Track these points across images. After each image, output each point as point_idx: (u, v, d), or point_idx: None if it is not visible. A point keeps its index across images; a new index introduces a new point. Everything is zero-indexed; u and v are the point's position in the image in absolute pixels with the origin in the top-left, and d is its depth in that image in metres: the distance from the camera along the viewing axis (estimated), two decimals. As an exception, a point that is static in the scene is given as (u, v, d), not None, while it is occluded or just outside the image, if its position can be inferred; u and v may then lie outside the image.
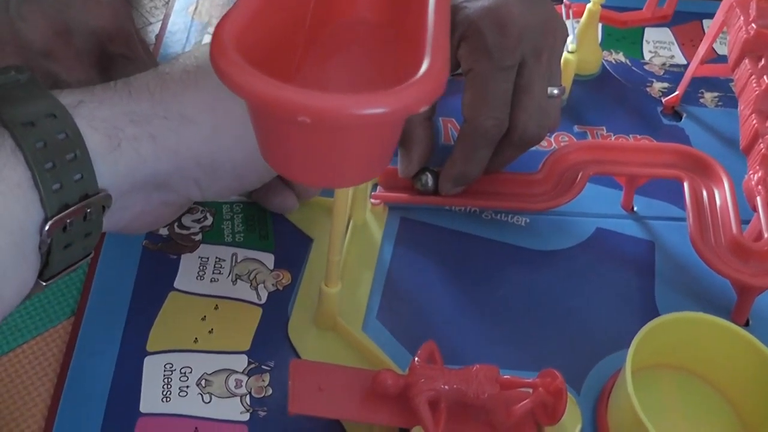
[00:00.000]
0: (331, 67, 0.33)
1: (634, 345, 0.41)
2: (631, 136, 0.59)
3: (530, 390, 0.41)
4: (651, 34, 0.70)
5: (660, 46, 0.68)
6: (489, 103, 0.47)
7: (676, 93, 0.62)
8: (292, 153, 0.27)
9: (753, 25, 0.53)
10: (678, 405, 0.44)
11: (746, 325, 0.48)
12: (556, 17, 0.50)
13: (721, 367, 0.44)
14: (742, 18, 0.54)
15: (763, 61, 0.52)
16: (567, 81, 0.59)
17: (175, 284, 0.48)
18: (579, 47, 0.60)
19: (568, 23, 0.60)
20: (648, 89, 0.64)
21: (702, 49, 0.59)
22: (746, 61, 0.53)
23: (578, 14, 0.63)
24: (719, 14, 0.58)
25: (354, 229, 0.50)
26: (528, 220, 0.53)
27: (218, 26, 0.26)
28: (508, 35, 0.46)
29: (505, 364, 0.41)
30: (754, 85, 0.51)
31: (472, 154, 0.48)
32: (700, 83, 0.63)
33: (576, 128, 0.60)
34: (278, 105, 0.23)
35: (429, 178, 0.51)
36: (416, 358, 0.40)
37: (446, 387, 0.39)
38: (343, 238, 0.40)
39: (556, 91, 0.49)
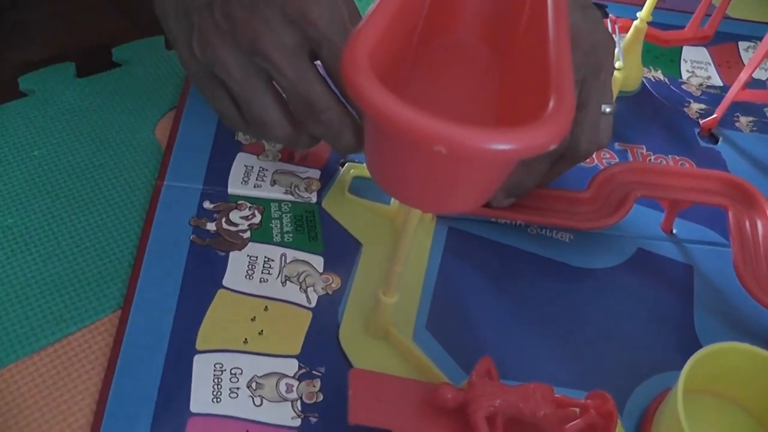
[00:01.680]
0: (436, 87, 0.32)
1: (685, 371, 0.42)
2: (670, 156, 0.60)
3: (577, 410, 0.42)
4: (689, 53, 0.70)
5: (697, 66, 0.69)
6: None
7: (714, 116, 0.62)
8: (409, 177, 0.27)
9: (803, 57, 0.53)
10: (719, 432, 0.45)
11: (782, 354, 0.49)
12: (611, 35, 0.50)
13: (763, 398, 0.45)
14: (792, 49, 0.55)
15: (811, 95, 0.53)
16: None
17: (224, 282, 0.48)
18: (624, 64, 0.61)
19: (614, 38, 0.60)
20: (686, 109, 0.65)
21: (744, 75, 0.60)
22: (794, 93, 0.54)
23: (622, 29, 0.64)
24: (767, 41, 0.58)
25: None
26: (572, 237, 0.53)
27: (351, 44, 0.25)
28: (575, 53, 0.46)
29: (551, 380, 0.42)
30: (802, 118, 0.52)
31: (531, 166, 0.49)
32: (735, 107, 0.64)
33: (617, 146, 0.60)
34: (418, 133, 0.23)
35: None
36: (474, 374, 0.41)
37: (504, 404, 0.40)
38: (409, 249, 0.39)
39: (608, 109, 0.49)
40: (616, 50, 0.60)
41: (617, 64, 0.59)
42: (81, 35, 0.65)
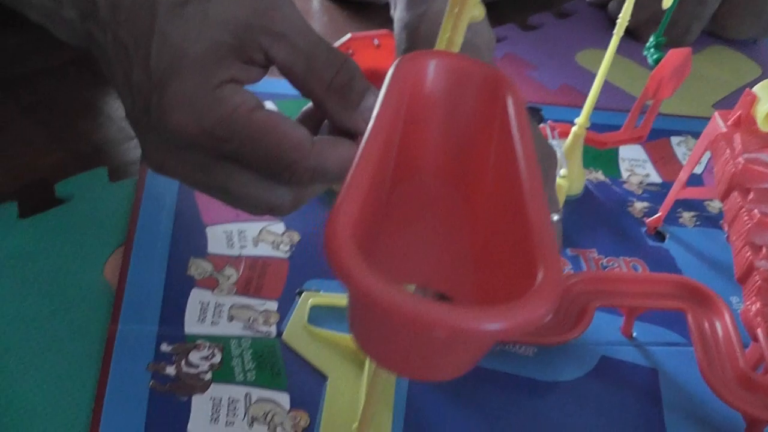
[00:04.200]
0: (406, 234, 0.32)
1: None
2: (621, 258, 0.61)
3: None
4: (625, 152, 0.73)
5: (635, 164, 0.71)
6: None
7: (659, 215, 0.64)
8: (396, 350, 0.27)
9: (740, 159, 0.55)
10: None
11: (753, 454, 0.50)
12: (551, 147, 0.52)
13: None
14: (728, 151, 0.57)
15: (752, 195, 0.54)
16: (559, 206, 0.61)
17: (189, 430, 0.46)
18: (567, 170, 0.62)
19: (554, 143, 0.62)
20: (630, 209, 0.66)
21: (684, 174, 0.62)
22: (735, 193, 0.55)
23: (562, 134, 0.65)
24: (701, 143, 0.61)
25: (370, 364, 0.50)
26: (535, 350, 0.53)
27: (333, 223, 0.25)
28: None
29: None
30: (746, 218, 0.54)
31: None
32: (677, 203, 0.66)
33: (569, 251, 0.61)
34: (417, 321, 0.23)
35: None
36: None
37: None
38: (381, 391, 0.39)
39: (556, 217, 0.50)
40: (558, 155, 0.61)
41: (561, 171, 0.60)
42: (19, 172, 0.64)
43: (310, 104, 0.40)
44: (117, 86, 0.39)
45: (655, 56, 0.65)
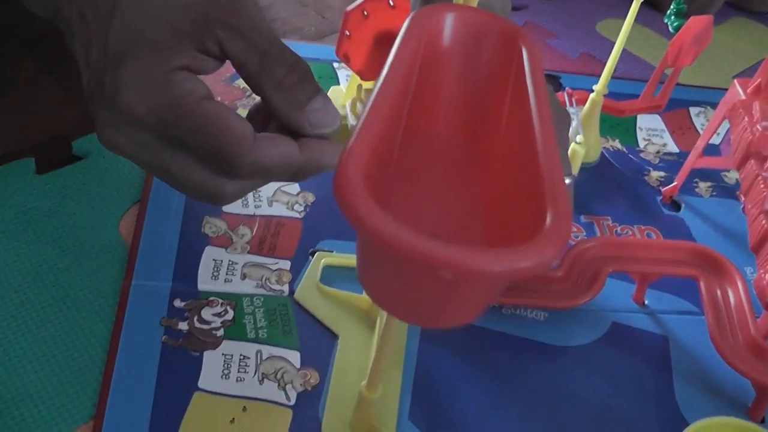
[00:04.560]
0: (421, 187, 0.32)
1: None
2: (635, 226, 0.61)
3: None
4: (643, 122, 0.72)
5: (653, 134, 0.71)
6: None
7: (675, 184, 0.64)
8: (403, 294, 0.27)
9: (758, 126, 0.55)
10: None
11: (762, 422, 0.50)
12: (566, 110, 0.52)
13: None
14: (746, 119, 0.56)
15: (769, 163, 0.54)
16: (574, 171, 0.60)
17: (200, 384, 0.46)
18: (583, 137, 0.62)
19: (571, 111, 0.62)
20: (646, 178, 0.66)
21: (701, 143, 0.62)
22: (752, 161, 0.55)
23: (579, 102, 0.65)
24: (720, 111, 0.60)
25: (381, 323, 0.50)
26: (546, 315, 0.53)
27: (344, 163, 0.25)
28: None
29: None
30: (762, 186, 0.53)
31: None
32: (694, 173, 0.65)
33: (583, 218, 0.61)
34: (422, 259, 0.23)
35: None
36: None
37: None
38: (392, 345, 0.39)
39: (568, 181, 0.50)
40: (575, 123, 0.61)
41: (578, 138, 0.60)
42: (38, 129, 0.64)
43: (259, 100, 0.40)
44: (78, 61, 0.39)
45: (675, 23, 0.65)
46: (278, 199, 0.58)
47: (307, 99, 0.38)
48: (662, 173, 0.66)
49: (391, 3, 0.56)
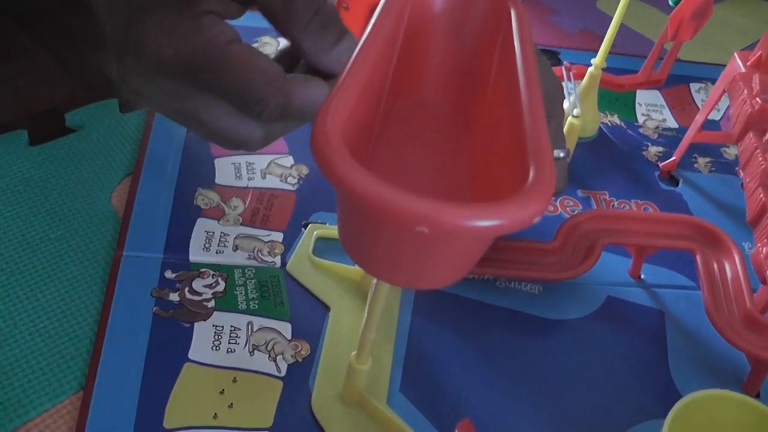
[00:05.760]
0: (406, 148, 0.32)
1: (668, 423, 0.41)
2: (633, 201, 0.60)
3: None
4: (643, 97, 0.71)
5: (652, 109, 0.70)
6: None
7: (673, 158, 0.63)
8: (384, 253, 0.26)
9: (757, 99, 0.54)
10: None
11: (757, 396, 0.49)
12: (560, 82, 0.51)
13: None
14: (746, 92, 0.55)
15: (767, 136, 0.53)
16: (571, 145, 0.60)
17: (190, 355, 0.46)
18: (581, 111, 0.61)
19: (569, 85, 0.61)
20: (644, 153, 0.65)
21: (701, 117, 0.61)
22: (751, 134, 0.54)
23: (577, 76, 0.64)
24: (719, 84, 0.59)
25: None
26: (541, 288, 0.53)
27: (322, 118, 0.24)
28: None
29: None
30: (761, 159, 0.52)
31: None
32: (693, 149, 0.65)
33: (580, 193, 0.60)
34: (399, 214, 0.22)
35: None
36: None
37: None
38: (380, 315, 0.39)
39: (561, 154, 0.49)
40: (573, 97, 0.60)
41: (575, 111, 0.59)
42: (31, 101, 0.64)
43: (287, 43, 0.40)
44: (98, 7, 0.39)
45: (675, -3, 0.64)
46: (272, 172, 0.58)
47: (335, 40, 0.38)
48: (661, 148, 0.66)
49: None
